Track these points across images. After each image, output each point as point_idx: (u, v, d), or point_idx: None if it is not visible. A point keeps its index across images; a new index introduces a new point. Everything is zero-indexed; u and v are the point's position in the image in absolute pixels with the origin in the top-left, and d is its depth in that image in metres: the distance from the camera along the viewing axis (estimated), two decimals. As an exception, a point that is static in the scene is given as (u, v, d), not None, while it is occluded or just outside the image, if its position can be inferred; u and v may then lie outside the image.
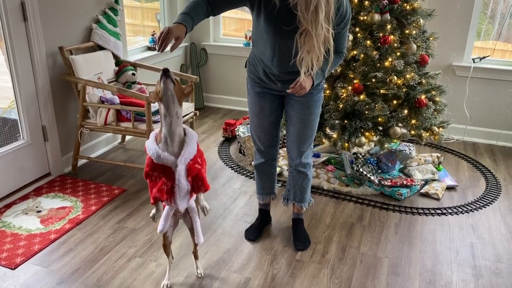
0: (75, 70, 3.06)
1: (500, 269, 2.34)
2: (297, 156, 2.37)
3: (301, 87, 1.95)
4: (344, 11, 1.95)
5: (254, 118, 2.38)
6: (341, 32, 2.02)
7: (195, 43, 4.74)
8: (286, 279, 2.23)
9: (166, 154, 1.76)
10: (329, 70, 2.08)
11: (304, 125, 2.27)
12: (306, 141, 2.32)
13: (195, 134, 1.86)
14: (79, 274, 2.22)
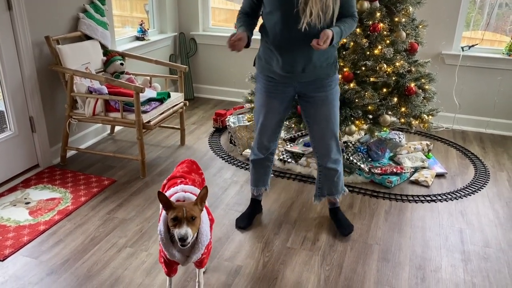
0: (62, 60, 3.02)
1: (488, 254, 2.37)
2: (326, 154, 2.33)
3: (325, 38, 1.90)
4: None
5: (261, 118, 2.32)
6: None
7: (184, 33, 4.70)
8: (277, 266, 2.24)
9: (179, 255, 1.69)
10: (345, 30, 2.04)
11: (328, 122, 2.24)
12: (332, 137, 2.29)
13: (207, 237, 1.72)
14: (69, 264, 2.20)
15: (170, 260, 1.72)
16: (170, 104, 3.30)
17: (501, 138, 3.99)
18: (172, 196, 1.71)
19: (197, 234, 1.68)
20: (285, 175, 3.18)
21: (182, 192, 1.72)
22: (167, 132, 3.89)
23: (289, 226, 2.58)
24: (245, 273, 2.18)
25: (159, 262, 1.87)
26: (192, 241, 1.66)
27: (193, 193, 1.75)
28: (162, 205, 1.63)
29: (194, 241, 1.68)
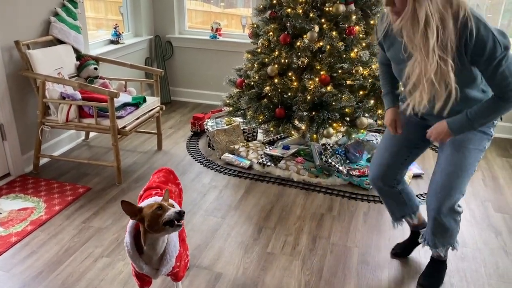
0: (33, 65, 2.93)
1: (465, 254, 2.41)
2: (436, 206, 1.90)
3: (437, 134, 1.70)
4: (477, 44, 1.51)
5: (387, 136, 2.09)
6: (487, 68, 1.56)
7: (160, 36, 4.64)
8: (258, 272, 2.22)
9: (148, 268, 1.64)
10: (478, 115, 1.64)
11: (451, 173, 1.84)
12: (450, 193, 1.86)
13: (175, 248, 1.68)
14: (43, 277, 2.13)
15: (141, 273, 1.68)
16: (146, 109, 3.25)
17: (475, 138, 4.06)
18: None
19: (165, 245, 1.63)
20: (265, 178, 3.17)
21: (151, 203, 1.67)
22: (143, 137, 3.83)
23: (269, 231, 2.57)
24: (225, 281, 2.15)
25: (132, 275, 1.82)
26: (155, 253, 1.61)
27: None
28: (129, 213, 1.56)
29: (162, 252, 1.63)
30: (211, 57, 4.63)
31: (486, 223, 2.70)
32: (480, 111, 1.64)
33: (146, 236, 1.58)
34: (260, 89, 3.20)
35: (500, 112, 1.66)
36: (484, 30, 1.51)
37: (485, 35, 1.50)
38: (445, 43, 1.51)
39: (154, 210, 1.52)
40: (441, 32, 1.50)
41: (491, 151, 3.77)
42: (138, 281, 1.78)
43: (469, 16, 1.50)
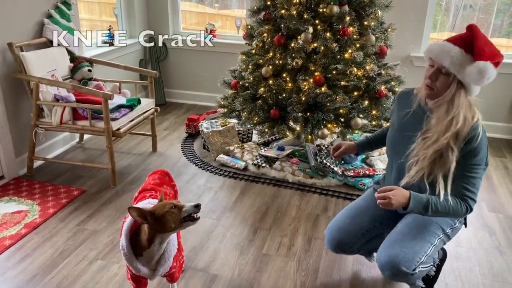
0: (26, 67, 2.92)
1: (459, 253, 2.42)
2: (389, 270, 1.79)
3: (387, 197, 1.63)
4: (472, 149, 1.65)
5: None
6: (465, 171, 1.68)
7: (154, 38, 4.63)
8: (253, 273, 2.21)
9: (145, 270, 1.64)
10: (437, 208, 1.67)
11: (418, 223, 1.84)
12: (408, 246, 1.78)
13: (174, 247, 1.70)
14: (37, 280, 2.12)
15: (137, 275, 1.67)
16: (141, 111, 3.24)
17: (469, 138, 4.08)
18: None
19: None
20: (260, 179, 3.17)
21: (145, 204, 1.67)
22: (138, 139, 3.82)
23: (264, 232, 2.57)
24: (221, 282, 2.15)
25: (127, 278, 1.81)
26: (159, 252, 1.63)
27: None
28: (140, 218, 1.55)
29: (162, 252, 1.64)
30: (206, 59, 4.63)
31: (480, 223, 2.71)
32: (439, 202, 1.68)
33: (155, 236, 1.58)
34: (254, 90, 3.20)
35: (454, 214, 1.71)
36: (484, 143, 1.67)
37: (483, 147, 1.67)
38: (460, 137, 1.64)
39: (169, 210, 1.53)
40: (461, 125, 1.63)
41: (484, 151, 3.79)
42: (134, 284, 1.77)
43: (480, 124, 1.67)
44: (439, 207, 1.68)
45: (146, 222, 1.56)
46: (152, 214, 1.54)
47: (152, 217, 1.54)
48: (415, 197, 1.66)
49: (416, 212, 1.70)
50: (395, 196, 1.63)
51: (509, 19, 4.23)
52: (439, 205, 1.68)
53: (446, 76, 1.64)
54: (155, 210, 1.55)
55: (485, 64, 1.58)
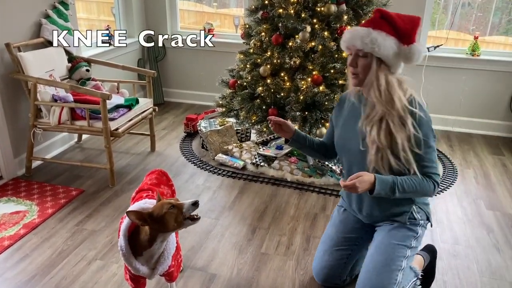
0: (24, 68, 2.92)
1: (457, 251, 2.42)
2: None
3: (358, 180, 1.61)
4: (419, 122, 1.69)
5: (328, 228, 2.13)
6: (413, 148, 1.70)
7: (152, 37, 4.62)
8: (252, 273, 2.22)
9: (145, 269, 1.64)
10: (403, 188, 1.68)
11: (381, 252, 1.84)
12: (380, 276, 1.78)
13: (173, 245, 1.71)
14: (36, 281, 2.12)
15: (136, 275, 1.68)
16: (139, 110, 3.24)
17: (467, 136, 4.09)
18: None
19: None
20: (258, 179, 3.17)
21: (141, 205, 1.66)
22: (136, 139, 3.82)
23: (263, 231, 2.57)
24: (219, 282, 2.15)
25: (125, 279, 1.82)
26: (159, 251, 1.63)
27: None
28: (139, 221, 1.55)
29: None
30: (204, 58, 4.63)
31: (478, 221, 2.72)
32: (405, 181, 1.69)
33: (157, 236, 1.58)
34: (252, 89, 3.20)
35: (422, 191, 1.72)
36: (426, 117, 1.71)
37: (425, 122, 1.70)
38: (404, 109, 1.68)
39: (168, 211, 1.52)
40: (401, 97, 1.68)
41: (482, 149, 3.80)
42: (132, 284, 1.78)
43: (415, 100, 1.70)
44: (405, 186, 1.68)
45: (146, 224, 1.56)
46: (151, 216, 1.54)
47: (151, 218, 1.54)
48: (381, 179, 1.66)
49: (383, 195, 1.69)
50: (360, 182, 1.62)
51: (507, 17, 4.23)
52: (405, 185, 1.68)
53: (364, 58, 1.68)
54: (154, 212, 1.55)
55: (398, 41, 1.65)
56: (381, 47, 1.63)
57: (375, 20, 1.70)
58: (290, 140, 2.01)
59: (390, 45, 1.64)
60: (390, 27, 1.66)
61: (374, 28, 1.66)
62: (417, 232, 1.89)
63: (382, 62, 1.67)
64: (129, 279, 1.76)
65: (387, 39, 1.64)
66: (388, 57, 1.65)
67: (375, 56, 1.66)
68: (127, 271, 1.72)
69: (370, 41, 1.64)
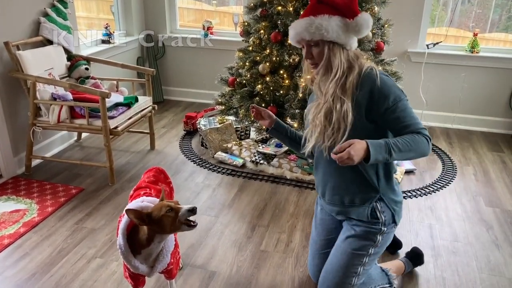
0: (23, 66, 2.92)
1: (457, 248, 2.43)
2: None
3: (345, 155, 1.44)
4: (380, 93, 1.60)
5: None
6: (388, 116, 1.61)
7: (151, 35, 4.62)
8: (251, 270, 2.22)
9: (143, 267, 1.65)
10: (398, 147, 1.52)
11: (339, 255, 1.85)
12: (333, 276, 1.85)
13: (172, 243, 1.71)
14: (36, 279, 2.13)
15: (135, 273, 1.68)
16: (138, 108, 3.24)
17: (467, 133, 4.09)
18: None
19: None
20: (258, 176, 3.17)
21: (140, 203, 1.66)
22: (136, 137, 3.82)
23: (262, 229, 2.57)
24: (219, 279, 2.15)
25: (124, 277, 1.82)
26: (157, 250, 1.63)
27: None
28: (137, 220, 1.55)
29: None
30: (203, 56, 4.62)
31: (478, 218, 2.72)
32: (401, 142, 1.54)
33: (155, 236, 1.58)
34: (252, 87, 3.20)
35: (419, 148, 1.56)
36: (388, 79, 1.65)
37: (389, 84, 1.63)
38: (346, 86, 1.63)
39: (166, 214, 1.52)
40: (345, 77, 1.63)
41: (482, 146, 3.80)
42: (132, 282, 1.78)
43: (375, 68, 1.65)
44: (400, 145, 1.52)
45: (144, 224, 1.56)
46: (149, 216, 1.55)
47: (149, 219, 1.55)
48: (373, 144, 1.49)
49: (380, 160, 1.52)
50: (354, 150, 1.45)
51: (507, 14, 4.23)
52: (399, 144, 1.53)
53: (316, 46, 1.65)
54: (153, 212, 1.55)
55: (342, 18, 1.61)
56: (329, 31, 1.60)
57: (313, 6, 1.66)
58: (270, 128, 1.97)
59: (336, 24, 1.60)
60: (330, 8, 1.63)
61: (315, 15, 1.62)
62: (375, 240, 1.80)
63: (334, 43, 1.63)
64: (128, 277, 1.76)
65: (331, 20, 1.61)
66: (338, 37, 1.61)
67: (326, 41, 1.63)
68: (126, 269, 1.73)
69: (315, 28, 1.61)
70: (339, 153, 1.46)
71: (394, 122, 1.61)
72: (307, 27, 1.63)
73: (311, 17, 1.63)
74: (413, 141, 1.55)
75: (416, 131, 1.59)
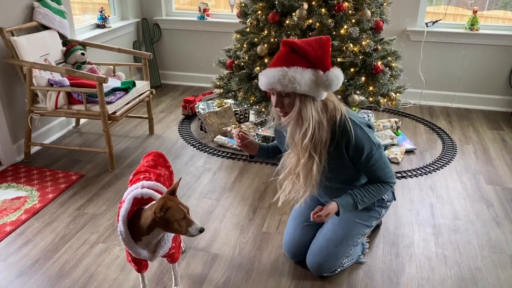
0: (18, 53, 2.88)
1: (458, 226, 2.44)
2: (315, 267, 2.02)
3: (326, 212, 1.78)
4: (356, 148, 1.74)
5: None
6: (362, 165, 1.81)
7: (147, 19, 4.56)
8: (254, 252, 2.23)
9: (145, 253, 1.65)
10: (364, 201, 1.85)
11: (343, 226, 1.99)
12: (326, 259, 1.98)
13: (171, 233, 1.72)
14: (40, 265, 2.14)
15: (138, 258, 1.69)
16: (136, 93, 3.21)
17: (466, 112, 4.08)
18: (129, 194, 1.65)
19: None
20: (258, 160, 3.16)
21: (139, 189, 1.65)
22: (134, 122, 3.80)
23: (263, 211, 2.58)
24: (222, 261, 2.17)
25: (127, 261, 1.83)
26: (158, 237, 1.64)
27: (154, 189, 1.69)
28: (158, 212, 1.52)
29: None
30: (200, 39, 4.58)
31: (478, 196, 2.73)
32: (367, 197, 1.84)
33: (154, 228, 1.58)
34: (250, 69, 3.17)
35: (379, 195, 1.88)
36: (361, 133, 1.74)
37: (363, 138, 1.74)
38: (317, 143, 1.70)
39: (180, 220, 1.54)
40: (316, 133, 1.68)
41: (481, 124, 3.80)
42: (135, 266, 1.79)
43: (347, 120, 1.71)
44: (366, 200, 1.84)
45: (157, 216, 1.53)
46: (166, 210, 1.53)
47: (163, 215, 1.53)
48: (343, 204, 1.81)
49: (350, 211, 1.86)
50: (327, 216, 1.79)
51: (506, -10, 4.17)
52: (365, 198, 1.84)
53: (288, 97, 1.67)
54: (170, 209, 1.53)
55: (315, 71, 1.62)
56: (301, 84, 1.60)
57: (287, 56, 1.64)
58: (255, 155, 2.07)
59: (308, 77, 1.61)
60: (303, 59, 1.62)
61: (288, 66, 1.61)
62: (380, 213, 2.05)
63: (306, 96, 1.65)
64: (131, 261, 1.77)
65: (304, 73, 1.61)
66: (310, 90, 1.63)
67: (298, 94, 1.64)
68: (129, 254, 1.73)
69: (288, 81, 1.60)
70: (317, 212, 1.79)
71: (367, 170, 1.84)
72: (279, 78, 1.61)
73: (284, 68, 1.61)
74: (377, 192, 1.86)
75: (382, 182, 1.86)
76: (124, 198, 1.66)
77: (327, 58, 1.64)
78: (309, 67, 1.62)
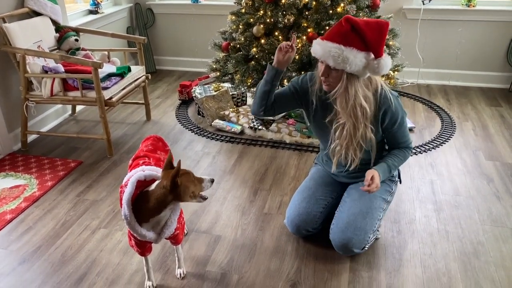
0: (10, 39, 2.83)
1: (458, 202, 2.44)
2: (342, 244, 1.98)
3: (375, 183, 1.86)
4: (392, 115, 1.87)
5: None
6: (393, 131, 1.93)
7: (140, 4, 4.49)
8: (256, 232, 2.23)
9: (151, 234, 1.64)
10: (395, 166, 1.98)
11: (365, 200, 2.02)
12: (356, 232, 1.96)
13: (179, 209, 1.71)
14: (42, 251, 2.13)
15: (142, 240, 1.68)
16: (132, 79, 3.18)
17: (464, 89, 4.07)
18: (132, 177, 1.63)
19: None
20: (257, 142, 3.15)
21: (142, 172, 1.64)
22: (131, 108, 3.77)
23: (264, 192, 2.57)
24: (225, 242, 2.17)
25: (129, 245, 1.82)
26: (165, 217, 1.64)
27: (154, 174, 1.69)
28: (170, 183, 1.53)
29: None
30: (194, 23, 4.52)
31: (478, 172, 2.73)
32: (397, 161, 1.98)
33: (168, 205, 1.59)
34: (246, 51, 3.14)
35: (405, 159, 2.01)
36: (397, 102, 1.88)
37: (398, 106, 1.88)
38: (365, 113, 1.81)
39: (194, 180, 1.60)
40: (365, 105, 1.79)
41: (480, 101, 3.79)
42: (138, 249, 1.78)
43: (386, 91, 1.85)
44: (396, 164, 1.98)
45: (172, 186, 1.54)
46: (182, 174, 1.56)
47: (176, 184, 1.54)
48: (382, 171, 1.92)
49: (386, 177, 1.98)
50: (376, 185, 1.86)
51: (502, -35, 4.12)
52: (396, 163, 1.97)
53: (336, 71, 1.74)
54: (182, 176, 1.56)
55: (367, 54, 1.69)
56: (352, 65, 1.68)
57: (346, 34, 1.68)
58: (279, 70, 1.92)
59: (360, 60, 1.68)
60: (361, 42, 1.68)
61: (346, 45, 1.67)
62: (392, 188, 2.11)
63: (352, 74, 1.73)
64: (134, 245, 1.76)
65: (357, 55, 1.68)
66: (358, 71, 1.71)
67: (346, 71, 1.72)
68: (131, 238, 1.72)
69: (342, 60, 1.68)
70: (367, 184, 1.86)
71: (395, 137, 1.96)
72: (334, 55, 1.68)
73: (341, 46, 1.68)
74: (404, 157, 2.00)
75: (406, 147, 2.01)
76: (125, 183, 1.65)
77: (382, 45, 1.71)
78: (363, 50, 1.68)
